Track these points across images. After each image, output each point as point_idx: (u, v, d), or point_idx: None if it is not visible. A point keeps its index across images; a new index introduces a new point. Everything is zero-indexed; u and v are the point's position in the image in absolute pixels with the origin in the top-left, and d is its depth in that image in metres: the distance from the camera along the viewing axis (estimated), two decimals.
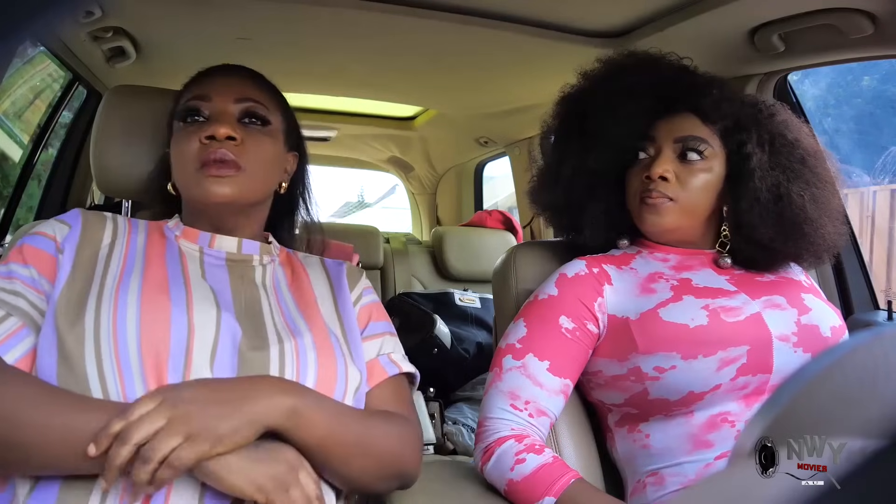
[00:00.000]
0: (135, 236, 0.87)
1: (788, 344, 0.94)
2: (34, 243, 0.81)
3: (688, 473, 0.92)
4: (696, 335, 0.92)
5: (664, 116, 1.04)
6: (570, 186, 1.09)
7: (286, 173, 0.96)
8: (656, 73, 1.08)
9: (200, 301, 0.78)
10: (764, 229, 0.99)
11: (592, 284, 1.01)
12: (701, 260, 1.05)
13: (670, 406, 0.94)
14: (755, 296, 0.98)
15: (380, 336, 0.91)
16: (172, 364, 0.72)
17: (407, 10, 1.39)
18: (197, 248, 0.87)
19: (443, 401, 2.02)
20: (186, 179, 0.86)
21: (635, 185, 1.04)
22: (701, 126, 1.02)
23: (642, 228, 1.05)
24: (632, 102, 1.04)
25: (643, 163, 1.04)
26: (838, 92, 2.68)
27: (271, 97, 0.92)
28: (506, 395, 0.97)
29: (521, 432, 0.94)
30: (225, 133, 0.83)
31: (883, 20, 1.10)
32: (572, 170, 1.08)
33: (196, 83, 0.92)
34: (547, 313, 1.00)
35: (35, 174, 2.16)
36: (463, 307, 2.38)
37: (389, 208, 5.30)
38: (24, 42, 0.24)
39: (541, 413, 0.96)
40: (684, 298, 0.96)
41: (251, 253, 0.89)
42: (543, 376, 0.97)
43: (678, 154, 1.01)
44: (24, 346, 0.74)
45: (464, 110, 2.45)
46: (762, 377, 0.93)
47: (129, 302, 0.75)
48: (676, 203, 1.00)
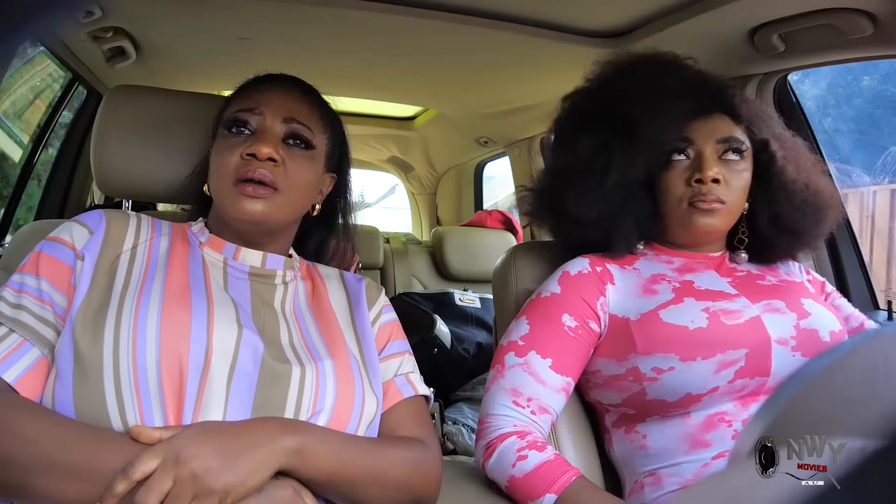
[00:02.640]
0: (158, 240, 0.85)
1: (787, 348, 0.94)
2: (51, 251, 0.79)
3: (685, 473, 0.92)
4: (696, 337, 0.92)
5: (699, 118, 1.02)
6: (607, 197, 1.02)
7: (320, 195, 0.94)
8: (690, 74, 1.07)
9: (221, 314, 0.77)
10: (799, 217, 1.04)
11: (595, 283, 1.01)
12: (706, 263, 1.05)
13: (668, 407, 0.94)
14: (755, 300, 0.99)
15: (399, 355, 0.91)
16: (191, 378, 0.72)
17: (407, 10, 1.39)
18: (221, 259, 0.86)
19: (443, 401, 2.02)
20: (221, 192, 0.84)
21: (679, 189, 1.01)
22: (735, 126, 1.03)
23: (689, 232, 1.03)
24: (674, 105, 1.01)
25: (681, 165, 1.01)
26: (838, 92, 2.68)
27: (320, 117, 0.90)
28: (508, 392, 0.97)
29: (523, 429, 0.94)
30: (267, 154, 0.82)
31: (883, 20, 1.10)
32: (614, 180, 1.02)
33: (247, 91, 0.90)
34: (550, 311, 1.01)
35: (35, 174, 2.16)
36: (463, 307, 2.38)
37: (389, 208, 5.29)
38: (24, 42, 0.24)
39: (543, 410, 0.97)
40: (685, 300, 0.97)
41: (275, 268, 0.88)
42: (546, 374, 0.97)
43: (719, 155, 1.01)
44: (25, 361, 0.73)
45: (464, 110, 2.45)
46: (760, 380, 0.93)
47: (149, 314, 0.74)
48: (725, 205, 1.00)
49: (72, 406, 0.71)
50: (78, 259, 0.78)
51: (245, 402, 0.74)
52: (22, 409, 0.69)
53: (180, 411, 0.71)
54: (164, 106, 1.06)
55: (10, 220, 2.07)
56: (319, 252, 1.01)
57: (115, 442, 0.67)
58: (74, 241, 0.80)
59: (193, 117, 1.03)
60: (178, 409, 0.71)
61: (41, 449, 0.65)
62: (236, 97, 0.91)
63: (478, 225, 3.01)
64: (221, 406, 0.73)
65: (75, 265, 0.78)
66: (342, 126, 0.98)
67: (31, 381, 0.73)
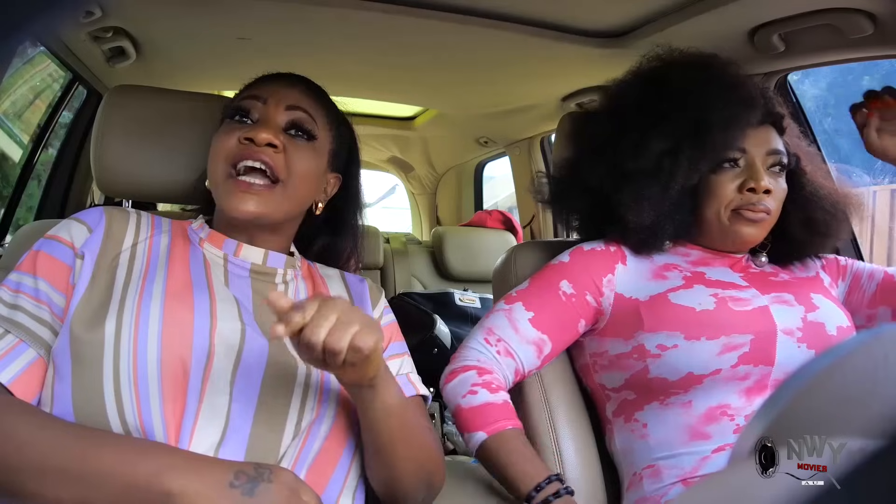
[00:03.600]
0: (158, 237, 0.84)
1: (793, 339, 0.95)
2: (50, 250, 0.78)
3: (684, 465, 0.93)
4: (702, 318, 0.94)
5: (751, 127, 1.02)
6: (664, 201, 1.01)
7: (325, 194, 0.93)
8: (754, 83, 1.07)
9: (224, 311, 0.76)
10: (830, 220, 1.07)
11: (606, 260, 1.03)
12: (721, 261, 1.06)
13: (668, 388, 0.95)
14: (765, 291, 1.01)
15: (399, 356, 0.91)
16: (193, 376, 0.72)
17: (407, 10, 1.39)
18: (221, 255, 0.85)
19: (442, 401, 2.02)
20: (216, 184, 0.84)
21: (728, 196, 1.00)
22: (779, 139, 1.04)
23: (729, 239, 1.03)
24: (746, 114, 1.00)
25: (732, 172, 1.01)
26: (838, 92, 2.68)
27: (326, 114, 0.89)
28: (484, 330, 1.04)
29: (486, 366, 1.00)
30: (265, 139, 0.80)
31: (883, 20, 1.10)
32: (679, 185, 1.00)
33: (254, 84, 0.90)
34: (551, 275, 1.05)
35: (35, 174, 2.16)
36: (463, 307, 2.39)
37: (389, 208, 5.29)
38: (24, 42, 0.24)
39: (508, 354, 1.01)
40: (695, 287, 0.99)
41: (276, 266, 0.87)
42: (523, 323, 1.02)
43: (768, 167, 1.02)
44: (20, 363, 0.72)
45: (464, 110, 2.45)
46: (764, 369, 0.93)
47: (151, 312, 0.73)
48: (770, 216, 1.01)
49: (70, 406, 0.70)
50: (77, 258, 0.78)
51: (250, 400, 0.74)
52: (16, 410, 0.68)
53: (182, 410, 0.71)
54: (164, 106, 1.06)
55: (10, 220, 2.07)
56: (323, 255, 0.99)
57: (111, 443, 0.66)
58: (73, 239, 0.79)
59: (193, 117, 1.03)
60: (179, 407, 0.71)
61: (36, 451, 0.64)
62: (243, 90, 0.90)
63: (478, 225, 3.01)
64: (225, 404, 0.72)
65: (74, 264, 0.77)
66: (352, 130, 0.98)
67: (26, 382, 0.72)
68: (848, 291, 1.12)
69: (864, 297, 1.10)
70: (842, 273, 1.13)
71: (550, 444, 1.03)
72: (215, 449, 0.71)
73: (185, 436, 0.70)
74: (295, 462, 0.74)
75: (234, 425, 0.72)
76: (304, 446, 0.76)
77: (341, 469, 0.79)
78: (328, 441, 0.78)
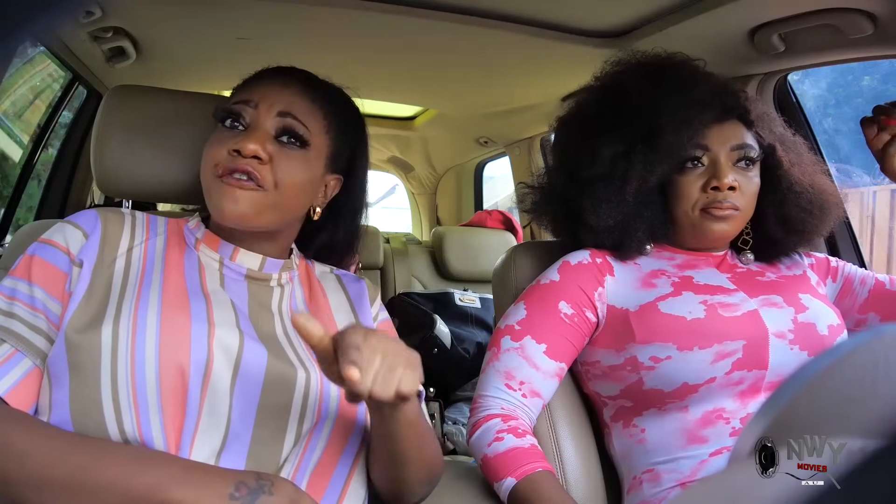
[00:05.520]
0: (153, 240, 0.83)
1: (784, 341, 0.95)
2: (45, 256, 0.76)
3: (683, 469, 0.93)
4: (693, 327, 0.93)
5: (714, 124, 1.02)
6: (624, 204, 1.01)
7: (323, 198, 0.90)
8: (713, 81, 1.06)
9: (221, 318, 0.75)
10: (806, 217, 1.05)
11: (594, 273, 1.02)
12: (707, 261, 1.06)
13: (664, 398, 0.95)
14: (753, 294, 1.00)
15: None
16: (192, 384, 0.71)
17: (407, 10, 1.39)
18: (217, 259, 0.83)
19: (443, 401, 2.03)
20: (206, 186, 0.81)
21: (693, 195, 1.01)
22: (747, 132, 1.03)
23: (701, 237, 1.03)
24: (701, 114, 1.00)
25: (696, 171, 1.01)
26: (838, 92, 2.67)
27: (323, 116, 0.85)
28: (501, 375, 0.99)
29: (510, 412, 0.97)
30: (252, 151, 0.78)
31: (883, 20, 1.10)
32: (634, 188, 1.00)
33: (248, 84, 0.87)
34: (547, 297, 1.02)
35: (35, 174, 2.16)
36: (463, 307, 2.38)
37: (389, 208, 5.29)
38: (24, 42, 0.24)
39: (534, 394, 0.99)
40: (683, 294, 0.98)
41: (272, 272, 0.85)
42: (540, 358, 0.99)
43: (734, 162, 1.01)
44: (16, 373, 0.71)
45: (464, 110, 2.45)
46: (758, 373, 0.94)
47: (147, 319, 0.72)
48: (740, 212, 1.01)
49: (68, 413, 0.69)
50: (74, 265, 0.76)
51: (250, 406, 0.73)
52: (12, 421, 0.67)
53: (181, 418, 0.70)
54: (164, 106, 1.06)
55: (10, 220, 2.07)
56: (322, 254, 0.98)
57: (110, 453, 0.65)
58: (69, 245, 0.77)
59: (193, 117, 1.03)
60: (179, 414, 0.70)
61: (34, 463, 0.63)
62: (238, 88, 0.89)
63: (478, 225, 3.01)
64: (225, 411, 0.72)
65: (70, 271, 0.75)
66: (360, 127, 0.95)
67: (22, 392, 0.71)
68: (839, 294, 1.11)
69: (855, 302, 1.10)
70: (832, 274, 1.13)
71: (550, 445, 1.03)
72: (216, 456, 0.70)
73: (186, 443, 0.69)
74: (297, 468, 0.74)
75: (234, 432, 0.72)
76: (306, 452, 0.76)
77: (343, 473, 0.79)
78: (329, 446, 0.78)
